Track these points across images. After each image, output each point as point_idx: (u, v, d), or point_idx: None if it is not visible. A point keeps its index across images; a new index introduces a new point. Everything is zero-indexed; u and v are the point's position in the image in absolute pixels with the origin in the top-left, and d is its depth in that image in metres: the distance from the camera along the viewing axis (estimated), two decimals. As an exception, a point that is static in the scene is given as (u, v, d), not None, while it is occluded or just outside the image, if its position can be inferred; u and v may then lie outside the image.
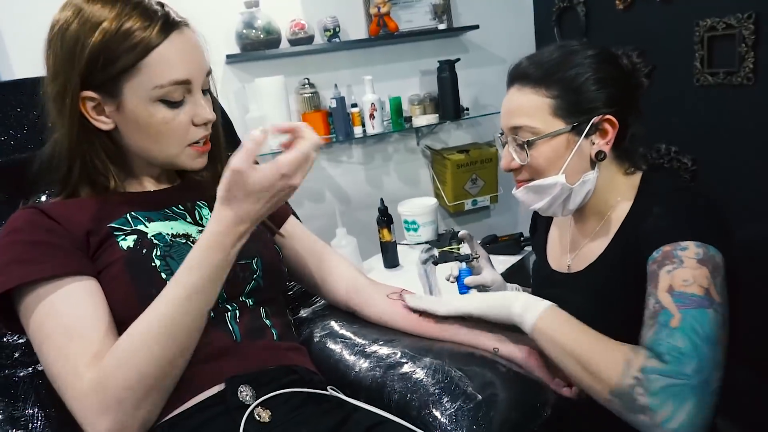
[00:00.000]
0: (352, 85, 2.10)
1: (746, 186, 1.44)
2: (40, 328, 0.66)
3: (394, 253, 1.86)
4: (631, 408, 0.63)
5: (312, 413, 0.71)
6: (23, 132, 0.91)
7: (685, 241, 0.70)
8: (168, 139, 0.74)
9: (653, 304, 0.69)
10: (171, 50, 0.70)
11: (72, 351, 0.64)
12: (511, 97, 0.86)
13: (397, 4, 2.09)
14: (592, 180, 0.83)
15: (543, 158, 0.83)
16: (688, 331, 0.64)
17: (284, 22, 1.92)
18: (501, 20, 2.26)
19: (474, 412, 0.69)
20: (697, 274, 0.67)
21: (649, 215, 0.77)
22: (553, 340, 0.72)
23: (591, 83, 0.80)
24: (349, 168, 2.20)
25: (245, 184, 0.63)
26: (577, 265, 0.91)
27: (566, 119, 0.81)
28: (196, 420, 0.67)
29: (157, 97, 0.70)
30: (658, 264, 0.71)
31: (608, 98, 0.81)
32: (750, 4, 1.36)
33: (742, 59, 1.40)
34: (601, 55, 0.83)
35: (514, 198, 0.92)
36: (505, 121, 0.87)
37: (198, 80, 0.73)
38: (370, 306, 0.93)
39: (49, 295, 0.66)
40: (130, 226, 0.74)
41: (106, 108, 0.72)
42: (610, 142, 0.82)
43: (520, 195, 0.89)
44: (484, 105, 2.33)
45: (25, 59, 1.67)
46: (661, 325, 0.66)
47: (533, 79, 0.82)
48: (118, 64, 0.68)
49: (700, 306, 0.65)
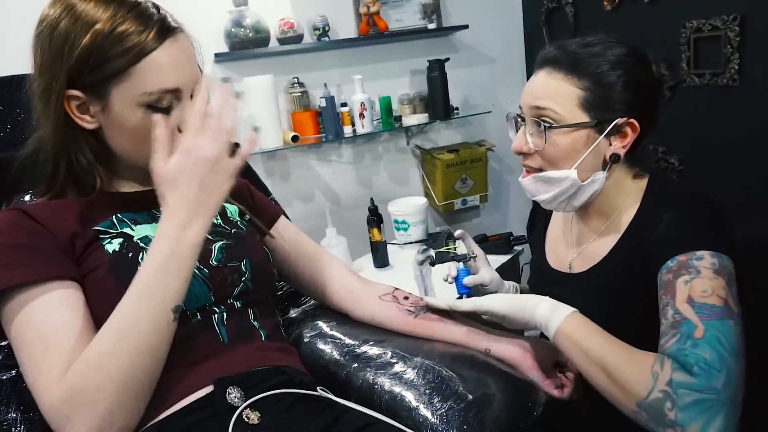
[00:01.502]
0: (342, 84, 2.09)
1: (732, 186, 1.46)
2: (18, 336, 0.65)
3: (384, 252, 1.86)
4: (660, 422, 0.62)
5: (302, 414, 0.70)
6: (6, 130, 0.89)
7: (700, 251, 0.70)
8: (152, 145, 0.72)
9: (672, 314, 0.68)
10: (164, 58, 0.68)
11: (46, 361, 0.63)
12: (540, 79, 0.83)
13: (387, 4, 2.08)
14: (601, 180, 0.82)
15: (560, 148, 0.81)
16: (714, 342, 0.63)
17: (273, 21, 1.91)
18: (490, 20, 2.27)
19: (465, 412, 0.69)
20: (714, 285, 0.67)
21: (659, 222, 0.76)
22: (578, 345, 0.71)
23: (623, 84, 0.79)
24: (339, 167, 2.20)
25: (163, 177, 0.66)
26: (579, 265, 0.91)
27: (591, 114, 0.79)
28: (185, 422, 0.66)
29: (144, 102, 0.69)
30: (673, 273, 0.70)
31: (635, 102, 0.80)
32: (736, 6, 1.38)
33: (727, 61, 1.41)
34: (638, 57, 0.81)
35: (504, 197, 0.92)
36: (527, 100, 0.84)
37: (188, 88, 0.72)
38: (362, 306, 0.93)
39: (28, 302, 0.65)
40: (116, 229, 0.73)
41: (91, 108, 0.71)
42: (627, 146, 0.81)
43: (527, 183, 0.88)
44: (474, 105, 2.33)
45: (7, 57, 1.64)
46: (684, 336, 0.65)
47: (566, 67, 0.80)
48: (109, 67, 0.67)
49: (721, 317, 0.65)
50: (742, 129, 1.43)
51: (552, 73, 0.81)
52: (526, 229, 1.19)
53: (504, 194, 2.49)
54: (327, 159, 2.17)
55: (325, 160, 2.17)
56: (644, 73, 0.81)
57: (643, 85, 0.81)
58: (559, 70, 0.81)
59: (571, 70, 0.80)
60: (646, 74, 0.82)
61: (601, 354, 0.68)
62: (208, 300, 0.74)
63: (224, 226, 0.83)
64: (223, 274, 0.76)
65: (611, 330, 0.71)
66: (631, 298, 0.79)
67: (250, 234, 0.86)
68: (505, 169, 2.46)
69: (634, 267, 0.79)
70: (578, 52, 0.81)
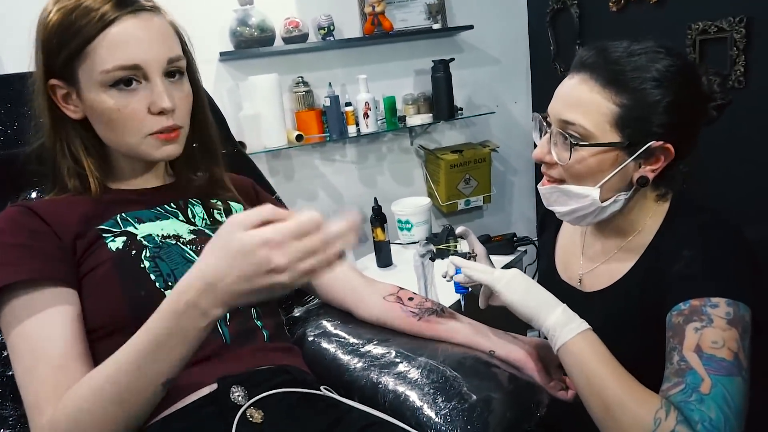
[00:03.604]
0: (346, 83, 2.09)
1: (738, 188, 1.46)
2: (12, 346, 0.65)
3: (388, 252, 1.86)
4: None
5: (305, 413, 0.70)
6: (13, 128, 0.89)
7: (715, 298, 0.66)
8: (123, 128, 0.71)
9: (678, 361, 0.65)
10: (119, 34, 0.67)
11: (36, 377, 0.63)
12: (574, 86, 0.74)
13: (392, 4, 2.08)
14: (623, 201, 0.77)
15: (584, 166, 0.74)
16: (720, 400, 0.61)
17: (278, 20, 1.91)
18: (495, 21, 2.26)
19: (468, 413, 0.69)
20: (727, 336, 0.64)
21: (678, 257, 0.72)
22: (581, 366, 0.68)
23: (665, 105, 0.71)
24: (343, 167, 2.20)
25: (228, 236, 0.52)
26: (591, 283, 0.87)
27: (623, 133, 0.72)
28: (188, 421, 0.66)
29: (105, 82, 0.68)
30: (684, 318, 0.67)
31: (675, 125, 0.72)
32: (742, 8, 1.38)
33: (733, 62, 1.41)
34: (687, 73, 0.73)
35: (507, 198, 0.91)
36: (557, 108, 0.76)
37: (154, 66, 0.69)
38: (366, 306, 0.92)
39: (21, 310, 0.65)
40: (120, 227, 0.73)
41: (73, 95, 0.71)
42: (657, 171, 0.75)
43: (546, 192, 0.82)
44: (478, 105, 2.33)
45: (14, 54, 1.65)
46: (690, 388, 0.63)
47: (604, 78, 0.72)
48: (70, 46, 0.67)
49: (729, 373, 0.63)
50: (748, 131, 1.43)
51: (587, 82, 0.73)
52: (536, 230, 1.16)
53: (507, 195, 2.49)
54: (331, 158, 2.17)
55: (329, 159, 2.17)
56: (691, 93, 0.73)
57: (687, 107, 0.73)
58: (596, 79, 0.72)
59: (609, 82, 0.72)
60: (693, 94, 0.74)
61: (604, 385, 0.66)
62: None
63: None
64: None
65: (616, 355, 0.69)
66: (640, 326, 0.77)
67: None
68: (508, 170, 2.46)
69: (646, 297, 0.76)
70: (620, 63, 0.72)
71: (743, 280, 0.69)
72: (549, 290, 0.75)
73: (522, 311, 0.74)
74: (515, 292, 0.75)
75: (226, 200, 0.87)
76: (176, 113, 0.73)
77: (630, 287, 0.79)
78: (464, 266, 0.81)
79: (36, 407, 0.62)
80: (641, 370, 0.68)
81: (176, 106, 0.72)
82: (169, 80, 0.72)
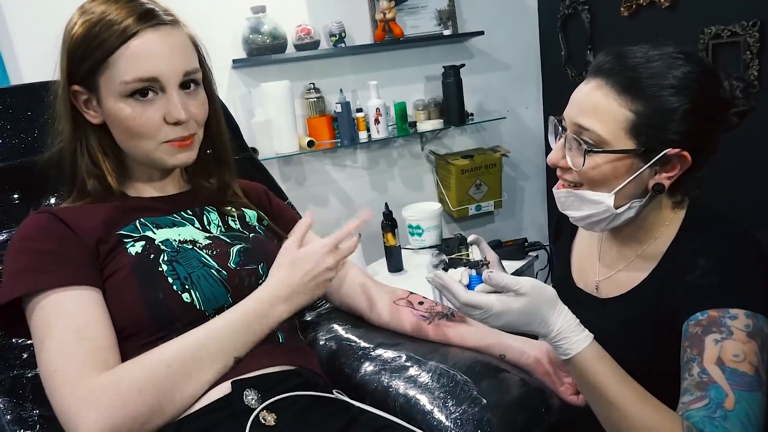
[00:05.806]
0: (357, 90, 2.11)
1: (751, 192, 1.44)
2: (47, 327, 0.66)
3: (399, 257, 1.86)
4: None
5: (317, 417, 0.71)
6: (34, 135, 0.92)
7: (734, 309, 0.65)
8: (139, 135, 0.74)
9: (699, 373, 0.64)
10: (140, 47, 0.70)
11: (79, 349, 0.64)
12: (590, 92, 0.73)
13: (403, 10, 2.10)
14: (638, 208, 0.76)
15: (598, 172, 0.73)
16: (743, 418, 0.60)
17: (290, 28, 1.93)
18: (506, 26, 2.27)
19: (479, 417, 0.70)
20: (747, 350, 0.63)
21: (695, 267, 0.71)
22: (592, 378, 0.66)
23: (683, 112, 0.69)
24: (354, 172, 2.21)
25: (289, 254, 0.75)
26: (607, 289, 0.85)
27: (639, 140, 0.71)
28: (202, 423, 0.67)
29: (124, 93, 0.71)
30: (702, 329, 0.66)
31: (693, 133, 0.71)
32: (755, 12, 1.37)
33: (747, 67, 1.40)
34: (707, 80, 0.71)
35: (518, 203, 0.90)
36: (572, 112, 0.75)
37: (170, 79, 0.72)
38: (377, 310, 0.93)
39: (58, 299, 0.67)
40: (139, 232, 0.75)
41: (93, 101, 0.75)
42: (674, 178, 0.73)
43: (561, 196, 0.81)
44: (489, 111, 2.33)
45: (35, 64, 1.69)
46: (714, 403, 0.61)
47: (620, 84, 0.71)
48: (93, 57, 0.70)
49: (751, 389, 0.62)
50: (762, 135, 1.41)
51: (603, 88, 0.72)
52: (548, 235, 1.14)
53: (518, 200, 2.48)
54: (342, 164, 2.19)
55: (340, 165, 2.18)
56: (710, 100, 0.71)
57: (705, 114, 0.71)
58: (612, 85, 0.71)
59: (625, 89, 0.70)
60: (712, 102, 0.72)
61: (616, 398, 0.64)
62: (225, 301, 0.75)
63: (243, 231, 0.85)
64: (241, 277, 0.77)
65: (630, 361, 0.68)
66: (654, 333, 0.76)
67: (268, 238, 0.87)
68: (519, 175, 2.46)
69: (662, 305, 0.75)
70: (637, 69, 0.70)
71: (762, 291, 0.67)
72: (564, 296, 0.72)
73: (520, 321, 0.70)
74: (508, 315, 0.69)
75: (240, 207, 0.88)
76: (191, 122, 0.76)
77: (646, 295, 0.78)
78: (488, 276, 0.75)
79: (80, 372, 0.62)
80: (653, 376, 0.67)
81: (191, 115, 0.75)
82: (184, 91, 0.75)
